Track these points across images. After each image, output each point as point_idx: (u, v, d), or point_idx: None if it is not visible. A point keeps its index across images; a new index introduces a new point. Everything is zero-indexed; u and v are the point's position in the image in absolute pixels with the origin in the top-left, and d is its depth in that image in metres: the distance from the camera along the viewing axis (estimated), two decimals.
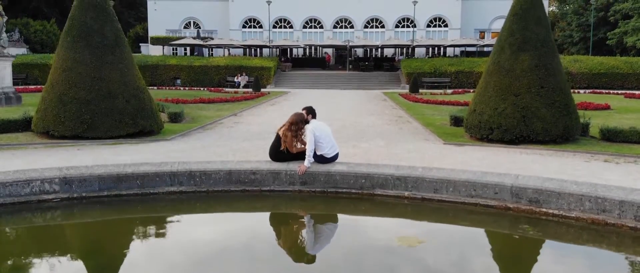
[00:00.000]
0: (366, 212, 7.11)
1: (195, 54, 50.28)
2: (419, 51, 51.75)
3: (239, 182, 7.45)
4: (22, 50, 42.46)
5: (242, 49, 51.27)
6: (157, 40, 52.80)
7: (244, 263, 5.23)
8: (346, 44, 48.18)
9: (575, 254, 5.70)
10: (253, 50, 52.65)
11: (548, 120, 11.02)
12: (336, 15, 54.67)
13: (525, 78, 11.21)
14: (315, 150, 7.53)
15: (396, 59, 50.57)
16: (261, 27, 54.90)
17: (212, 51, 51.56)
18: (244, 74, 38.56)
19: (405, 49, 50.48)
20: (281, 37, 54.18)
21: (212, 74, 39.21)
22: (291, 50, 54.27)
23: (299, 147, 7.70)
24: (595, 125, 13.81)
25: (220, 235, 6.27)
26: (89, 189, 7.10)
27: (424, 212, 6.98)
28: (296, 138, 7.62)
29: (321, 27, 55.21)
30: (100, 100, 11.32)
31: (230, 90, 33.73)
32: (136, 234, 6.43)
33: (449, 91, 33.91)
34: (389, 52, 53.84)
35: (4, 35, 20.42)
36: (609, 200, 5.97)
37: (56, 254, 5.64)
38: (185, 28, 57.50)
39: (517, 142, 11.14)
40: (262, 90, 33.43)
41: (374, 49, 52.67)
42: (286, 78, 41.60)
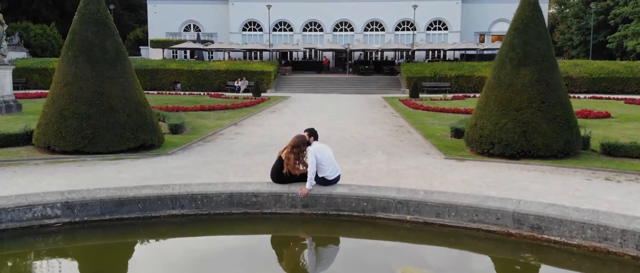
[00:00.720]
0: (368, 235, 7.11)
1: (196, 57, 50.35)
2: (419, 54, 51.79)
3: (240, 204, 7.45)
4: (22, 54, 42.44)
5: (242, 52, 51.28)
6: (157, 43, 52.84)
7: None
8: (346, 47, 48.17)
9: None
10: (253, 53, 52.70)
11: (549, 135, 11.03)
12: (336, 18, 54.72)
13: (526, 93, 11.22)
14: (316, 172, 7.53)
15: (396, 62, 50.61)
16: (261, 30, 54.93)
17: (212, 54, 51.57)
18: (244, 78, 38.56)
19: (405, 52, 50.47)
20: (281, 40, 54.26)
21: (212, 79, 39.21)
22: (291, 53, 54.28)
23: (301, 169, 7.70)
24: (595, 136, 13.84)
25: (221, 258, 6.29)
26: (91, 213, 7.11)
27: (426, 237, 6.99)
28: (298, 160, 7.63)
29: (321, 30, 55.25)
30: (101, 115, 11.32)
31: (230, 95, 33.73)
32: (138, 258, 6.43)
33: (449, 96, 33.92)
34: (389, 55, 53.88)
35: (4, 44, 20.41)
36: (610, 229, 5.98)
37: None
38: (185, 31, 57.53)
39: (518, 157, 11.15)
40: (262, 95, 33.44)
41: (374, 52, 52.66)
42: (286, 82, 41.61)
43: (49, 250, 6.76)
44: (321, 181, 7.57)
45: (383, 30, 55.02)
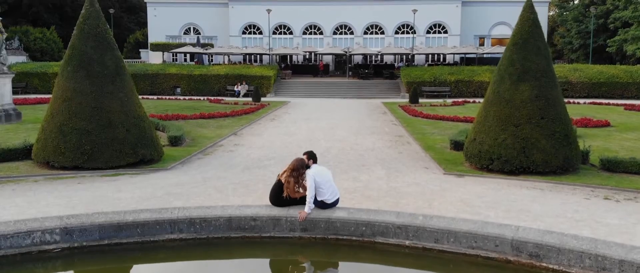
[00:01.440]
0: (367, 260, 7.11)
1: (195, 61, 50.31)
2: (419, 57, 51.80)
3: (239, 228, 7.45)
4: (21, 58, 42.45)
5: (242, 55, 51.32)
6: (157, 47, 52.83)
7: None
8: (346, 52, 48.16)
9: None
10: (253, 56, 52.72)
11: (548, 151, 11.03)
12: (336, 22, 54.75)
13: (525, 108, 11.22)
14: (315, 195, 7.54)
15: (396, 65, 50.62)
16: (261, 33, 54.95)
17: (212, 57, 51.60)
18: (243, 82, 38.57)
19: (405, 56, 50.49)
20: (281, 43, 54.29)
21: (212, 83, 39.20)
22: (291, 56, 54.30)
23: (301, 192, 7.71)
24: (595, 149, 13.84)
25: None
26: (90, 238, 7.11)
27: (425, 263, 6.98)
28: (298, 183, 7.63)
29: (321, 33, 55.27)
30: (101, 130, 11.33)
31: (230, 100, 33.74)
32: None
33: (448, 101, 33.93)
34: (388, 58, 53.88)
35: (3, 52, 20.41)
36: (608, 259, 5.98)
37: None
38: (185, 34, 57.53)
39: (517, 172, 11.16)
40: (262, 100, 33.46)
41: (373, 56, 52.67)
42: (286, 86, 41.61)
43: None
44: (320, 204, 7.57)
45: (383, 33, 55.04)
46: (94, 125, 11.31)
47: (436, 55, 52.14)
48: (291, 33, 55.31)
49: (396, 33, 54.98)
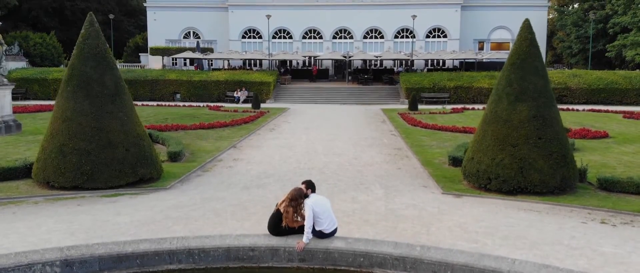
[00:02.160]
0: None
1: (195, 65, 50.41)
2: (418, 62, 51.90)
3: (237, 259, 7.51)
4: (21, 64, 42.49)
5: (242, 60, 51.41)
6: (157, 51, 52.94)
7: None
8: (345, 57, 48.23)
9: None
10: (252, 61, 52.78)
11: (545, 171, 11.09)
12: (335, 26, 54.88)
13: (522, 128, 11.28)
14: (314, 225, 7.59)
15: (396, 70, 50.72)
16: (261, 37, 55.03)
17: (212, 62, 51.68)
18: (243, 89, 38.65)
19: (404, 61, 50.58)
20: (281, 48, 54.40)
21: (212, 89, 39.28)
22: (290, 61, 54.37)
23: (299, 221, 7.77)
24: (592, 165, 13.92)
25: None
26: (90, 270, 7.17)
27: None
28: (296, 213, 7.69)
29: (320, 38, 55.38)
30: (101, 151, 11.38)
31: (229, 107, 33.82)
32: None
33: (448, 107, 34.03)
34: (388, 62, 53.96)
35: (3, 63, 20.46)
36: None
37: None
38: (185, 38, 57.62)
39: (515, 192, 11.22)
40: (261, 107, 33.58)
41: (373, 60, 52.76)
42: (285, 92, 41.67)
43: None
44: (318, 234, 7.63)
45: (382, 37, 55.13)
46: (93, 145, 11.36)
47: (436, 60, 52.22)
48: (291, 37, 55.41)
49: (396, 37, 55.08)
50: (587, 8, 57.84)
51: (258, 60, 52.80)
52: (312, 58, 52.33)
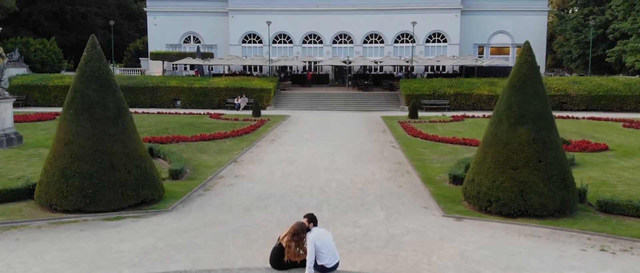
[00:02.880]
0: None
1: (196, 70, 50.45)
2: (418, 67, 51.98)
3: None
4: (22, 70, 42.52)
5: (242, 65, 51.48)
6: (157, 56, 53.04)
7: None
8: (345, 62, 48.30)
9: None
10: (253, 66, 52.85)
11: (546, 195, 11.15)
12: (335, 31, 54.97)
13: (523, 152, 11.34)
14: (315, 259, 7.65)
15: (396, 75, 50.78)
16: (261, 42, 55.11)
17: (212, 67, 51.74)
18: (243, 95, 38.69)
19: (404, 67, 50.66)
20: (281, 52, 54.50)
21: (212, 96, 39.32)
22: (290, 66, 54.44)
23: (301, 254, 7.82)
24: (592, 181, 13.99)
25: None
26: None
27: None
28: (299, 247, 7.75)
29: (320, 42, 55.46)
30: (103, 173, 11.43)
31: (230, 115, 33.87)
32: None
33: (448, 115, 34.09)
34: (388, 68, 54.04)
35: (4, 77, 20.53)
36: None
37: None
38: (185, 42, 57.67)
39: (515, 215, 11.28)
40: (262, 114, 33.63)
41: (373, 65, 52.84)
42: (286, 98, 41.72)
43: None
44: (320, 269, 7.68)
45: (382, 42, 55.22)
46: (96, 168, 11.41)
47: (435, 65, 52.31)
48: (291, 42, 55.51)
49: (396, 42, 55.17)
50: (587, 13, 57.90)
51: (258, 66, 52.85)
52: (312, 63, 52.41)
